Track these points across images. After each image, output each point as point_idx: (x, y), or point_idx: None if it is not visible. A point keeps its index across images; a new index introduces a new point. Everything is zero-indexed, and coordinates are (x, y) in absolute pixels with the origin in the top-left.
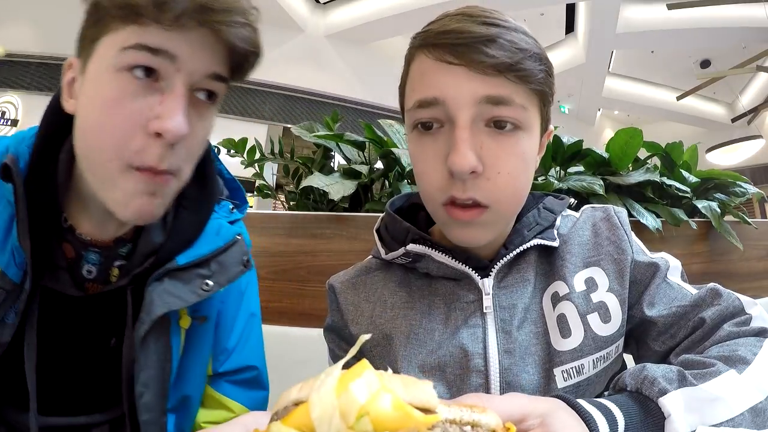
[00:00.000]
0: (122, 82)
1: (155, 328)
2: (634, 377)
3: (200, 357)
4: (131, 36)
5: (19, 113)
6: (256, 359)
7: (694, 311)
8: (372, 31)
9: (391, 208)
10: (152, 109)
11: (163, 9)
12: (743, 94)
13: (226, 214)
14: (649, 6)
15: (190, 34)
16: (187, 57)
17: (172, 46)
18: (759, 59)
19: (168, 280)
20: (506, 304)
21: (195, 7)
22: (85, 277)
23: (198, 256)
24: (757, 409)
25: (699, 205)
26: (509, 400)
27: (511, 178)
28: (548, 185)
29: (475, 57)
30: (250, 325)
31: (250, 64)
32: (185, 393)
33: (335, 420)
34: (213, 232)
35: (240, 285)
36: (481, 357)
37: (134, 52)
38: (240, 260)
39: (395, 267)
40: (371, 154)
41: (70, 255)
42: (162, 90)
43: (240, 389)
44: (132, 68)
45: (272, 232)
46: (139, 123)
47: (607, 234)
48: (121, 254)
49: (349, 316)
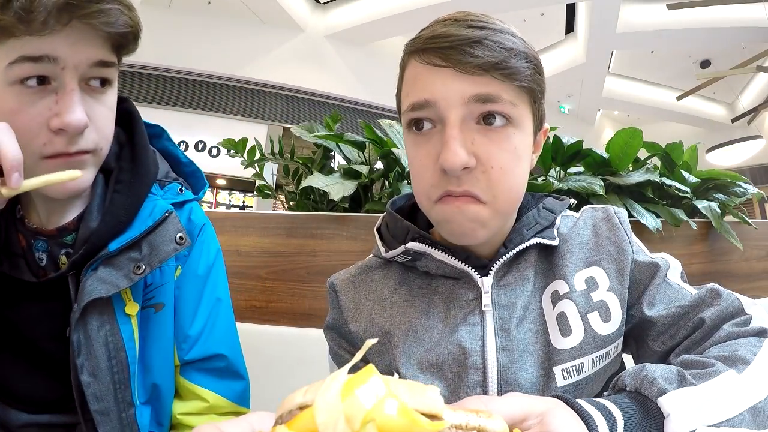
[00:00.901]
0: (18, 94)
1: (95, 316)
2: (634, 377)
3: (161, 344)
4: (11, 51)
5: None
6: (225, 347)
7: (693, 311)
8: (372, 31)
9: (392, 207)
10: (50, 109)
11: (28, 20)
12: (743, 94)
13: (173, 196)
14: (649, 6)
15: (63, 32)
16: (68, 54)
17: (51, 49)
18: (759, 59)
19: (102, 268)
20: (505, 302)
21: (58, 8)
22: (39, 265)
23: (128, 239)
24: (757, 408)
25: (699, 206)
26: (509, 400)
27: (503, 173)
28: (548, 185)
29: (461, 58)
30: (216, 311)
31: (132, 42)
32: (153, 381)
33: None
34: (146, 214)
35: (196, 268)
36: (479, 354)
37: (19, 65)
38: (172, 237)
39: (395, 265)
40: (371, 154)
41: (22, 244)
42: (56, 90)
43: (211, 378)
44: (23, 80)
45: (272, 232)
46: (40, 123)
47: (608, 234)
48: (66, 242)
49: (349, 314)
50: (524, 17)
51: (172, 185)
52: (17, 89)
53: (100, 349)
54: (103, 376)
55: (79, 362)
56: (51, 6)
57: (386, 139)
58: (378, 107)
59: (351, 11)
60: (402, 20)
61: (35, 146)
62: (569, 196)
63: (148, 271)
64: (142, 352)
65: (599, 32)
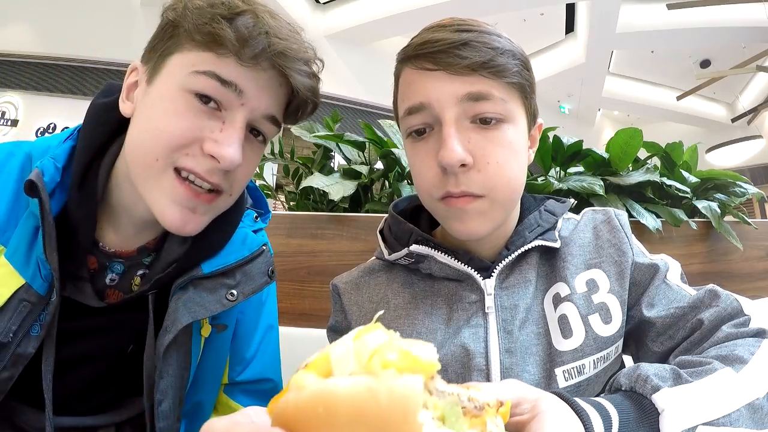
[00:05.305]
0: (189, 101)
1: (178, 337)
2: (628, 377)
3: (216, 364)
4: (206, 62)
5: (20, 113)
6: (272, 372)
7: (692, 312)
8: (372, 31)
9: (394, 210)
10: (212, 131)
11: (244, 46)
12: (743, 94)
13: (251, 223)
14: (649, 6)
15: (260, 74)
16: (253, 95)
17: (242, 81)
18: (759, 59)
19: (193, 289)
20: (508, 304)
21: (273, 51)
22: (107, 284)
23: (223, 264)
24: (755, 405)
25: (699, 206)
26: (504, 386)
27: (500, 167)
28: (548, 185)
29: (451, 60)
30: (269, 336)
31: (306, 112)
32: (198, 398)
33: (351, 360)
34: (239, 241)
35: (261, 295)
36: (483, 356)
37: (206, 78)
38: (265, 271)
39: (398, 268)
40: (371, 154)
41: (93, 266)
42: (223, 119)
43: (254, 400)
44: (198, 94)
45: (272, 232)
46: (196, 136)
47: (608, 236)
48: (144, 263)
49: (353, 316)
50: (524, 17)
51: (248, 212)
52: (188, 98)
53: (173, 368)
54: (173, 395)
55: (157, 379)
56: (267, 45)
57: (386, 139)
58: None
59: (351, 11)
60: (402, 20)
61: (178, 153)
62: (569, 196)
63: (241, 299)
64: (196, 370)
65: (599, 32)
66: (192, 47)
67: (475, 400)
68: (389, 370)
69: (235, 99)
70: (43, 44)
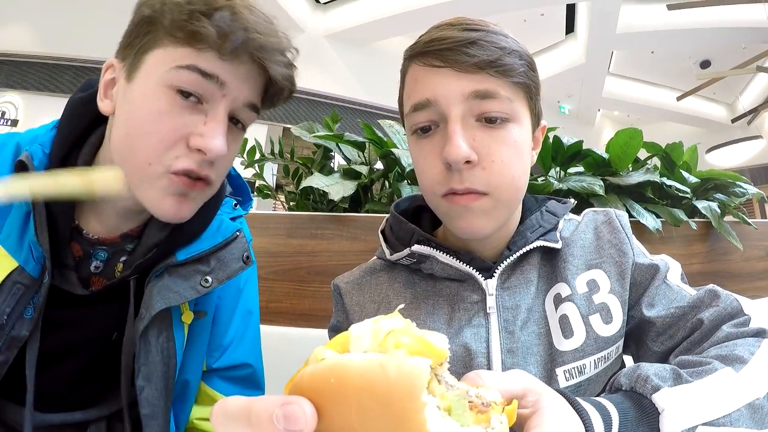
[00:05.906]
0: (171, 98)
1: (155, 323)
2: (628, 376)
3: (199, 350)
4: (186, 57)
5: (19, 113)
6: (251, 357)
7: (692, 312)
8: (372, 31)
9: (396, 210)
10: (196, 126)
11: (224, 41)
12: (743, 95)
13: (229, 211)
14: (649, 6)
15: (240, 66)
16: (234, 86)
17: (223, 73)
18: (759, 59)
19: (168, 276)
20: (509, 304)
21: (252, 44)
22: (92, 272)
23: (197, 251)
24: (755, 405)
25: (699, 206)
26: (510, 377)
27: (505, 166)
28: (548, 186)
29: (458, 58)
30: (246, 322)
31: (282, 98)
32: (185, 378)
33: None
34: (214, 228)
35: (239, 281)
36: (484, 356)
37: (187, 73)
38: (240, 256)
39: (400, 268)
40: (371, 154)
41: (77, 254)
42: (205, 111)
43: (234, 386)
44: (181, 90)
45: (272, 232)
46: (182, 135)
47: (609, 237)
48: (127, 249)
49: (354, 316)
50: (524, 17)
51: (227, 200)
52: (171, 95)
53: (157, 355)
54: (157, 381)
55: (136, 366)
56: (247, 39)
57: (386, 139)
58: (378, 107)
59: (351, 11)
60: (402, 20)
61: (169, 157)
62: (569, 197)
63: (215, 285)
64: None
65: (599, 32)
66: (171, 43)
67: (483, 397)
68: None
69: (217, 91)
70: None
